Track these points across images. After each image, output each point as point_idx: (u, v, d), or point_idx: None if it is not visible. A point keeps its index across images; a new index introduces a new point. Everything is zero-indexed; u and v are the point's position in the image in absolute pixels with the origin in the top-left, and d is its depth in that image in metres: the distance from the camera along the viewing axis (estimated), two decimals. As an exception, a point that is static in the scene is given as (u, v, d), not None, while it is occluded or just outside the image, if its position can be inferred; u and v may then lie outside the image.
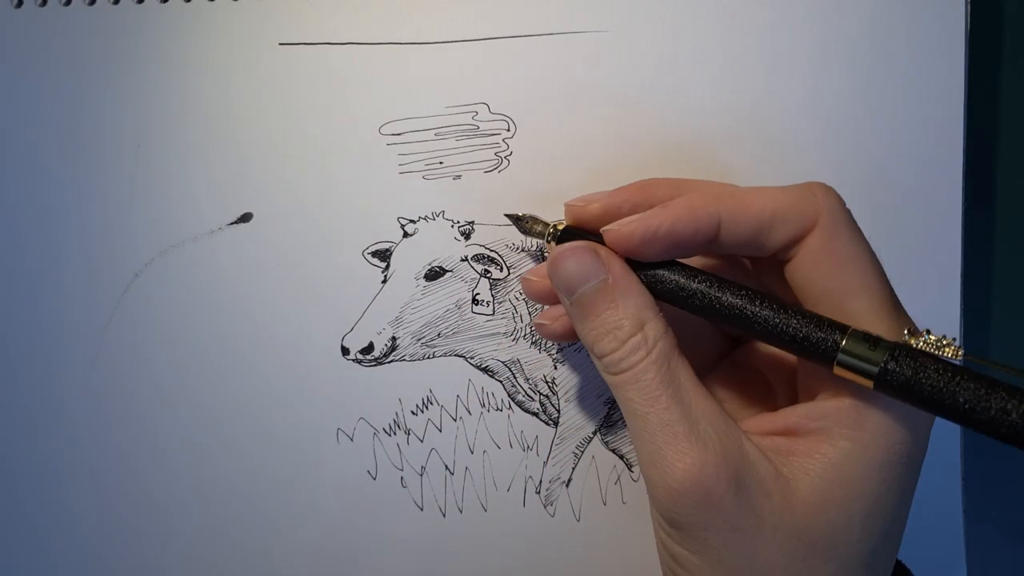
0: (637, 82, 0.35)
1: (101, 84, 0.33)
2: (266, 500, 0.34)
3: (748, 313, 0.26)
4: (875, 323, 0.25)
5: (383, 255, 0.34)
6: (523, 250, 0.34)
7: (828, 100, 0.35)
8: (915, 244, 0.36)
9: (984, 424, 0.22)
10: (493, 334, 0.35)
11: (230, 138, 0.34)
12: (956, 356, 0.23)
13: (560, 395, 0.35)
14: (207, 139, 0.34)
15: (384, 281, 0.34)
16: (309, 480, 0.34)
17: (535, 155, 0.34)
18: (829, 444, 0.25)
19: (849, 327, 0.25)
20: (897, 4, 0.35)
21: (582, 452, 0.35)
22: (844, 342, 0.24)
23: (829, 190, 0.27)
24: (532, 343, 0.35)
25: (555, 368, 0.35)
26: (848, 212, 0.27)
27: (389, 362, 0.34)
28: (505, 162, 0.34)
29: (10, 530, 0.34)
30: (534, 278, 0.31)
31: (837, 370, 0.25)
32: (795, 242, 0.27)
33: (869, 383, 0.24)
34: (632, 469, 0.35)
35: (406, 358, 0.34)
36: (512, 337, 0.35)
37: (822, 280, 0.26)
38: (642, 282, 0.28)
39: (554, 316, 0.31)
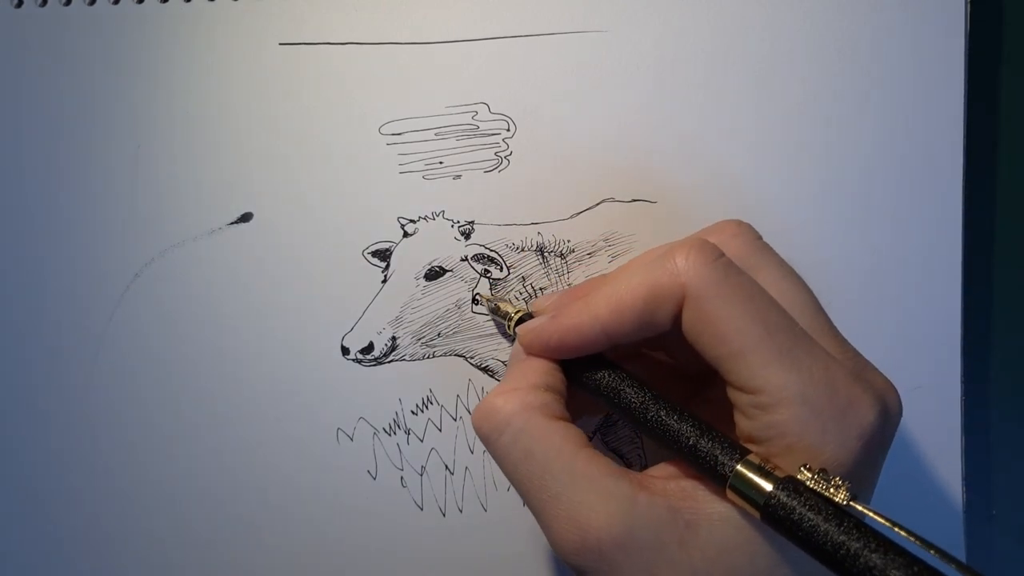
0: (637, 82, 0.35)
1: (101, 84, 0.33)
2: (266, 499, 0.34)
3: (650, 418, 0.26)
4: (767, 380, 0.24)
5: (383, 255, 0.34)
6: (523, 250, 0.34)
7: (828, 100, 0.35)
8: (915, 244, 0.36)
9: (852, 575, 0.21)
10: (493, 334, 0.35)
11: (230, 138, 0.34)
12: (844, 500, 0.22)
13: (560, 395, 0.35)
14: (207, 139, 0.34)
15: (384, 281, 0.34)
16: (309, 480, 0.34)
17: (535, 155, 0.34)
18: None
19: (749, 451, 0.24)
20: (897, 4, 0.35)
21: (582, 452, 0.35)
22: (738, 467, 0.24)
23: (690, 255, 0.25)
24: (532, 343, 0.35)
25: (555, 368, 0.35)
26: (718, 270, 0.25)
27: (389, 362, 0.34)
28: (505, 162, 0.34)
29: (12, 528, 0.34)
30: None
31: (728, 493, 0.24)
32: (678, 317, 0.26)
33: (757, 513, 0.23)
34: (632, 468, 0.35)
35: (406, 358, 0.34)
36: (512, 337, 0.35)
37: (708, 350, 0.25)
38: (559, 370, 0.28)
39: None
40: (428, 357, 0.34)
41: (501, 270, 0.34)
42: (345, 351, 0.34)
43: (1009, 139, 0.39)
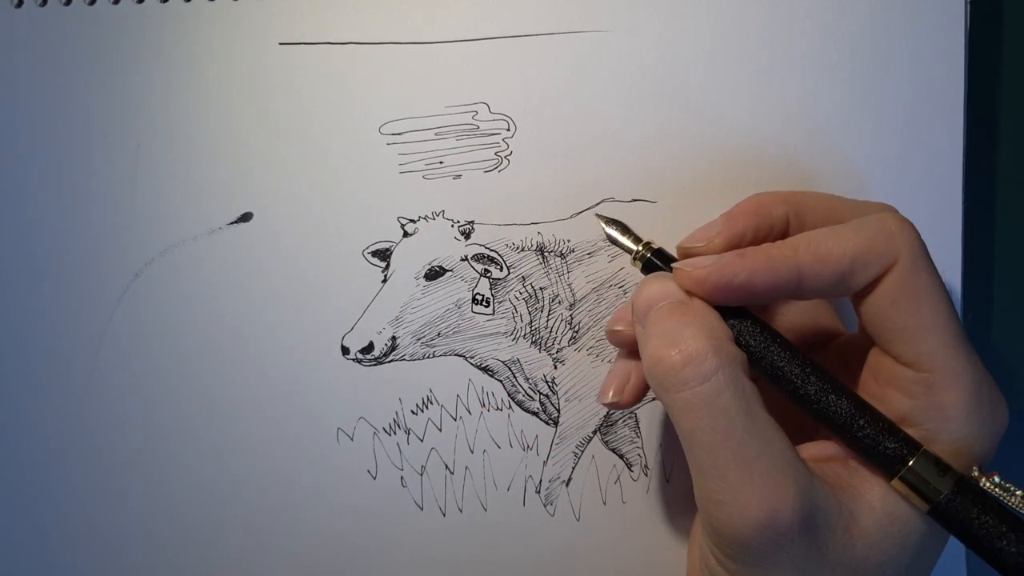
0: (637, 82, 0.35)
1: (101, 84, 0.33)
2: (266, 499, 0.34)
3: (821, 399, 0.25)
4: (945, 361, 0.24)
5: (383, 255, 0.34)
6: (523, 250, 0.34)
7: (828, 100, 0.35)
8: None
9: None
10: (493, 334, 0.35)
11: (230, 138, 0.34)
12: (1022, 507, 0.23)
13: (560, 395, 0.35)
14: (207, 139, 0.34)
15: (384, 281, 0.34)
16: (309, 479, 0.34)
17: (535, 155, 0.34)
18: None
19: (921, 447, 0.24)
20: (897, 4, 0.35)
21: (582, 452, 0.35)
22: (912, 462, 0.24)
23: (905, 225, 0.25)
24: (532, 343, 0.35)
25: (555, 368, 0.35)
26: (924, 246, 0.25)
27: (389, 362, 0.34)
28: (505, 162, 0.34)
29: (13, 527, 0.34)
30: (619, 327, 0.29)
31: (895, 483, 0.24)
32: (874, 282, 0.25)
33: (924, 506, 0.24)
34: (632, 469, 0.35)
35: (406, 358, 0.34)
36: (512, 337, 0.35)
37: (897, 318, 0.25)
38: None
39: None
40: (428, 357, 0.34)
41: (501, 270, 0.34)
42: (345, 351, 0.34)
43: (1009, 139, 0.39)
